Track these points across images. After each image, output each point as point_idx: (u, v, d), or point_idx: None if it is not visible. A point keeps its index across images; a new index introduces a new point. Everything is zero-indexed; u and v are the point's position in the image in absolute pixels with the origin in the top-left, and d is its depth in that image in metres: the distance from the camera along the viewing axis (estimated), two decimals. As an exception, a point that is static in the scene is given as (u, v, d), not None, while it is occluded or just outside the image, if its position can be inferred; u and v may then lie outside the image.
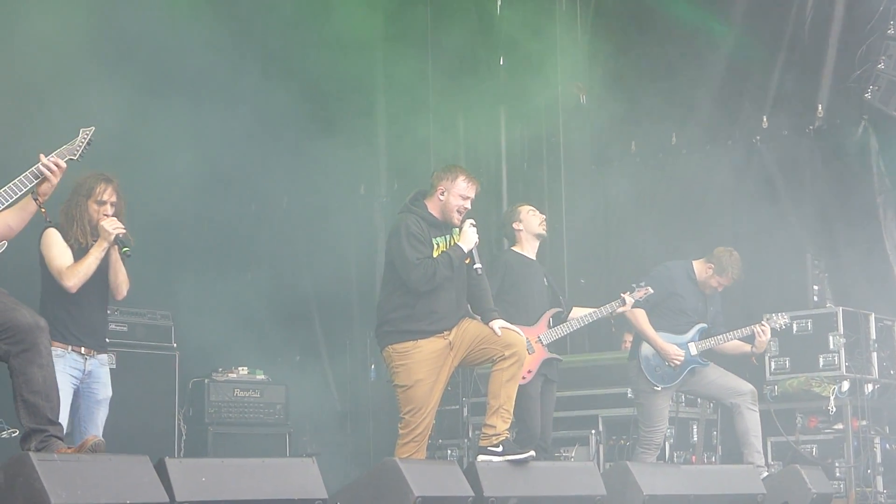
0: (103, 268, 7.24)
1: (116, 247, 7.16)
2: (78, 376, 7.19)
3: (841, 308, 10.61)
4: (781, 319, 9.83)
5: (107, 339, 7.53)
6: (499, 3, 13.45)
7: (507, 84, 13.42)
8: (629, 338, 11.20)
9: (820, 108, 11.49)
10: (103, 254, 7.15)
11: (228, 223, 12.06)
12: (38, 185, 5.94)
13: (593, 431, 10.68)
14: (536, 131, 13.28)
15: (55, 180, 5.99)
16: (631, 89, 12.41)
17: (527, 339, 8.53)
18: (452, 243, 7.85)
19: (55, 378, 5.74)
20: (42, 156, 5.97)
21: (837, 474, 10.20)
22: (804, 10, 11.61)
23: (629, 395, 10.49)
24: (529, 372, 9.02)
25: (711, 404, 10.62)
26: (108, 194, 7.24)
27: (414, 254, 7.68)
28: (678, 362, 9.57)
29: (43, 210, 6.06)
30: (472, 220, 7.89)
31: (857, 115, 11.33)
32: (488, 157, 13.63)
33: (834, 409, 10.30)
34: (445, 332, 7.80)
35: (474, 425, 11.09)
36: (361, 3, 12.61)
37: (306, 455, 6.24)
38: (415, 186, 13.45)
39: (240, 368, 11.32)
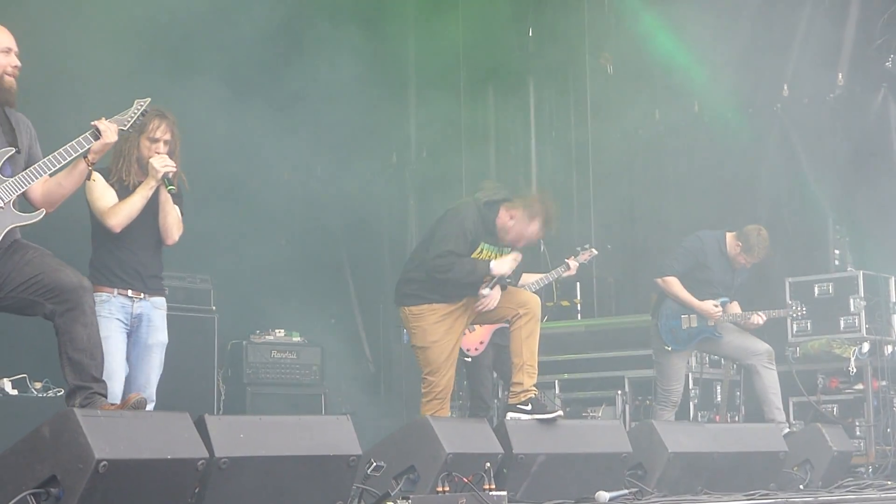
0: (153, 208, 6.78)
1: (165, 189, 6.73)
2: (126, 320, 6.76)
3: (861, 272, 10.55)
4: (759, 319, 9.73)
5: (162, 283, 7.00)
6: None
7: (536, 54, 13.35)
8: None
9: (840, 76, 11.37)
10: (150, 192, 6.68)
11: (262, 190, 12.00)
12: (94, 144, 5.82)
13: (619, 392, 10.68)
14: (564, 100, 13.22)
15: (110, 141, 5.89)
16: (653, 59, 12.30)
17: None
18: (495, 257, 7.77)
19: (99, 337, 5.70)
20: (98, 121, 5.89)
21: (858, 433, 10.16)
22: (823, -22, 11.51)
23: (654, 357, 10.47)
24: (482, 343, 9.26)
25: (735, 365, 10.58)
26: (162, 131, 6.77)
27: (451, 245, 7.64)
28: (718, 314, 9.54)
29: (90, 169, 5.91)
30: (518, 256, 7.82)
31: (877, 82, 11.22)
32: (517, 126, 13.59)
33: (854, 370, 10.23)
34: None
35: (503, 386, 11.08)
36: None
37: (341, 413, 6.20)
38: (444, 155, 13.68)
39: (276, 331, 11.32)
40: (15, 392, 9.07)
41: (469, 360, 9.36)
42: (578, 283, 12.12)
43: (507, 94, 13.64)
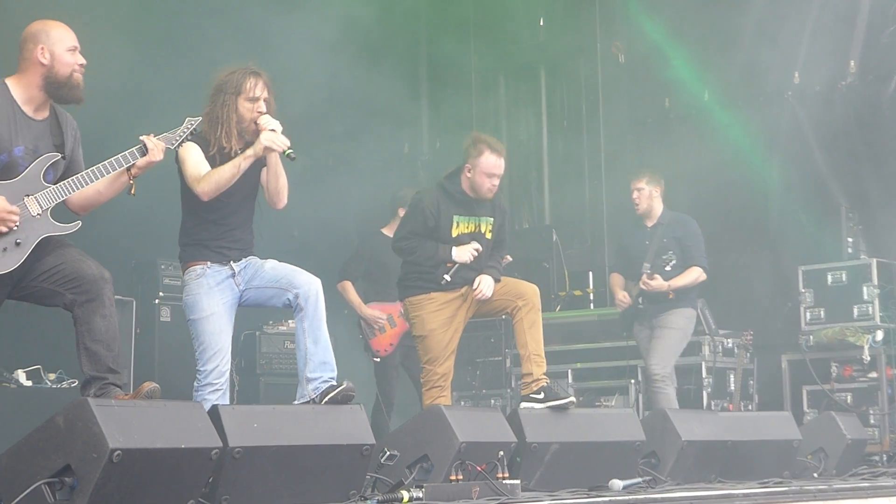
0: (252, 179, 6.43)
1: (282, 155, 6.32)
2: (230, 285, 6.39)
3: (875, 259, 10.51)
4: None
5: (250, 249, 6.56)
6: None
7: (546, 44, 13.32)
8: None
9: (852, 63, 11.32)
10: (248, 164, 6.23)
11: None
12: (139, 160, 5.77)
13: (633, 381, 10.65)
14: (576, 90, 13.21)
15: (156, 159, 5.80)
16: (664, 47, 12.26)
17: (389, 314, 9.43)
18: (474, 228, 7.89)
19: (117, 328, 5.66)
20: (147, 137, 5.83)
21: (872, 421, 10.13)
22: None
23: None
24: (391, 345, 9.52)
25: (748, 353, 10.58)
26: (260, 89, 6.37)
27: (409, 227, 7.92)
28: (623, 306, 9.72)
29: (132, 182, 5.80)
30: (477, 247, 7.86)
31: (889, 70, 11.16)
32: (528, 116, 13.58)
33: (868, 359, 10.21)
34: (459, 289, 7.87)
35: (516, 375, 11.08)
36: None
37: (354, 403, 6.19)
38: (456, 145, 13.65)
39: (290, 321, 11.29)
40: (29, 383, 9.09)
41: (377, 360, 9.63)
42: (591, 273, 12.11)
43: (518, 85, 13.66)
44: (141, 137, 5.84)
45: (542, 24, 13.45)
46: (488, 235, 8.00)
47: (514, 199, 13.61)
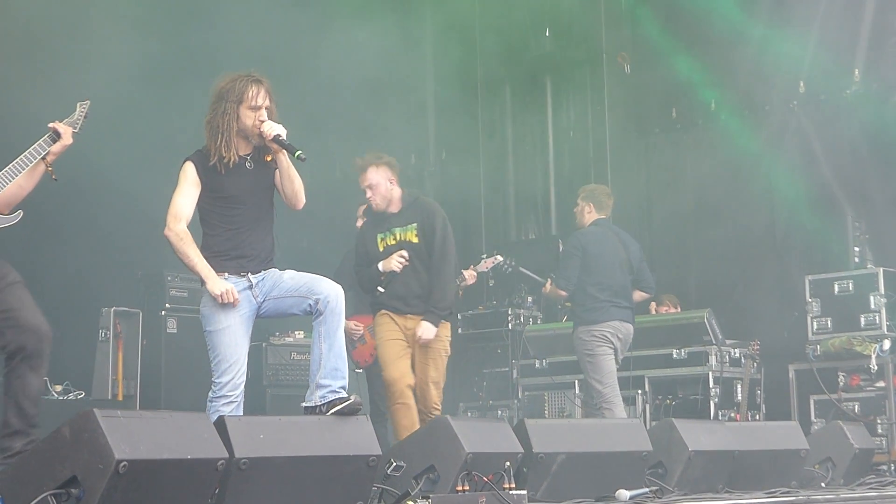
0: (266, 185, 6.40)
1: (285, 153, 6.28)
2: (247, 297, 6.35)
3: (882, 268, 10.49)
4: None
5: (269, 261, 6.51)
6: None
7: (552, 55, 13.34)
8: (667, 299, 11.17)
9: (857, 72, 11.32)
10: (204, 268, 6.25)
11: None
12: (52, 147, 5.88)
13: (639, 391, 10.63)
14: (581, 100, 13.23)
15: (68, 143, 5.91)
16: (671, 57, 12.28)
17: (369, 325, 9.26)
18: (398, 239, 8.28)
19: (43, 386, 5.72)
20: (55, 123, 5.93)
21: (879, 431, 10.09)
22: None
23: (674, 356, 10.48)
24: (371, 356, 9.33)
25: (755, 363, 10.56)
26: (262, 97, 6.30)
27: (354, 261, 8.62)
28: None
29: (50, 169, 5.91)
30: (404, 254, 8.20)
31: (894, 78, 11.17)
32: (534, 127, 13.59)
33: (875, 368, 10.18)
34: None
35: (524, 386, 11.09)
36: None
37: (361, 414, 6.19)
38: (462, 155, 13.73)
39: (296, 332, 11.32)
40: (35, 395, 9.08)
41: (359, 371, 9.64)
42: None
43: (524, 95, 13.66)
44: (50, 125, 5.94)
45: (547, 34, 13.43)
46: (415, 240, 8.23)
47: (521, 210, 13.61)
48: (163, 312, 10.58)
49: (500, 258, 9.84)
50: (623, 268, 9.62)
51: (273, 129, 6.27)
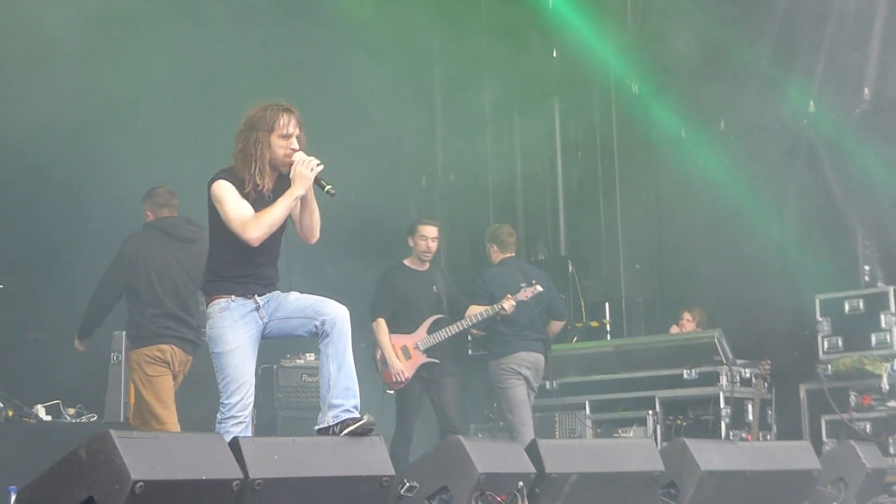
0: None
1: (321, 187, 6.31)
2: (254, 318, 6.37)
3: (892, 287, 10.52)
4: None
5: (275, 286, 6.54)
6: (552, -5, 13.44)
7: (561, 75, 13.39)
8: (687, 315, 11.20)
9: (866, 91, 11.36)
10: (294, 203, 6.31)
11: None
12: None
13: (650, 412, 10.65)
14: (589, 120, 13.26)
15: None
16: (680, 76, 12.36)
17: (404, 345, 9.66)
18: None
19: None
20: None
21: (891, 451, 10.12)
22: (849, -6, 11.52)
23: (685, 376, 10.51)
24: (404, 377, 9.62)
25: (766, 383, 10.59)
26: (293, 125, 6.33)
27: None
28: None
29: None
30: None
31: (903, 97, 11.23)
32: (542, 147, 13.61)
33: (887, 387, 10.21)
34: None
35: (534, 407, 11.09)
36: None
37: (374, 434, 6.23)
38: (470, 176, 13.75)
39: (307, 355, 11.31)
40: (49, 418, 9.14)
41: (390, 392, 9.77)
42: (607, 304, 12.14)
43: (532, 115, 13.66)
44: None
45: (555, 55, 13.47)
46: None
47: (530, 231, 13.63)
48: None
49: (539, 288, 9.91)
50: (528, 303, 9.92)
51: (307, 166, 6.29)
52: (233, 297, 6.36)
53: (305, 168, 6.27)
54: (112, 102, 10.68)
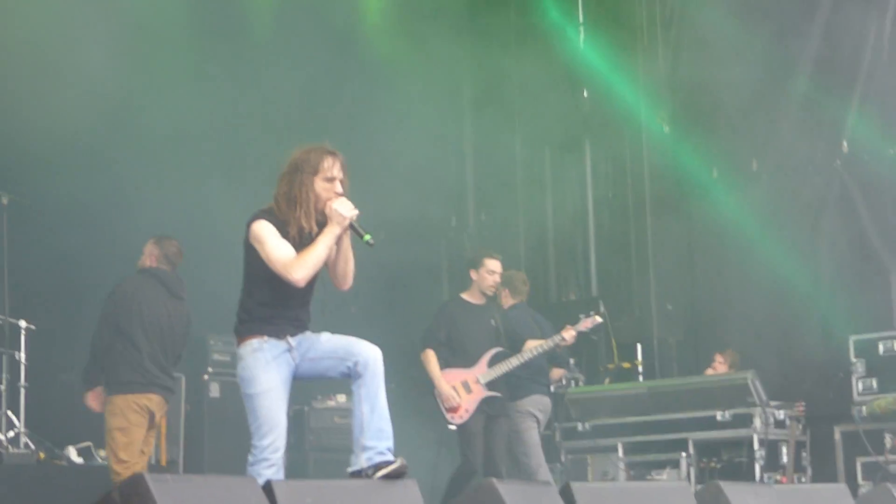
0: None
1: (348, 232, 6.32)
2: (287, 360, 6.34)
3: (927, 328, 10.47)
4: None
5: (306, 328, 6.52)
6: (581, 35, 13.43)
7: (592, 115, 13.44)
8: (719, 357, 11.14)
9: (900, 130, 11.35)
10: (334, 241, 6.30)
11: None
12: None
13: (684, 454, 10.56)
14: (621, 160, 13.28)
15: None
16: (711, 116, 12.34)
17: (465, 380, 9.60)
18: None
19: None
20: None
21: (928, 493, 10.01)
22: (882, 35, 11.44)
23: (718, 418, 10.43)
24: (467, 411, 9.60)
25: (801, 425, 10.52)
26: (338, 169, 6.34)
27: None
28: None
29: None
30: None
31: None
32: (574, 186, 13.62)
33: (923, 429, 10.15)
34: None
35: (566, 449, 11.06)
36: (446, 38, 12.74)
37: (408, 478, 6.20)
38: (501, 216, 13.75)
39: (338, 396, 11.32)
40: (80, 460, 9.16)
41: (453, 427, 9.70)
42: (639, 345, 12.10)
43: (564, 155, 13.69)
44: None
45: (585, 95, 13.48)
46: None
47: (561, 271, 13.62)
48: (205, 377, 10.69)
49: (599, 319, 9.96)
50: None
51: (345, 208, 6.29)
52: (265, 337, 6.34)
53: (343, 208, 6.27)
54: (147, 137, 10.75)
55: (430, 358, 9.74)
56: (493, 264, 9.91)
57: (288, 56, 11.74)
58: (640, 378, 12.13)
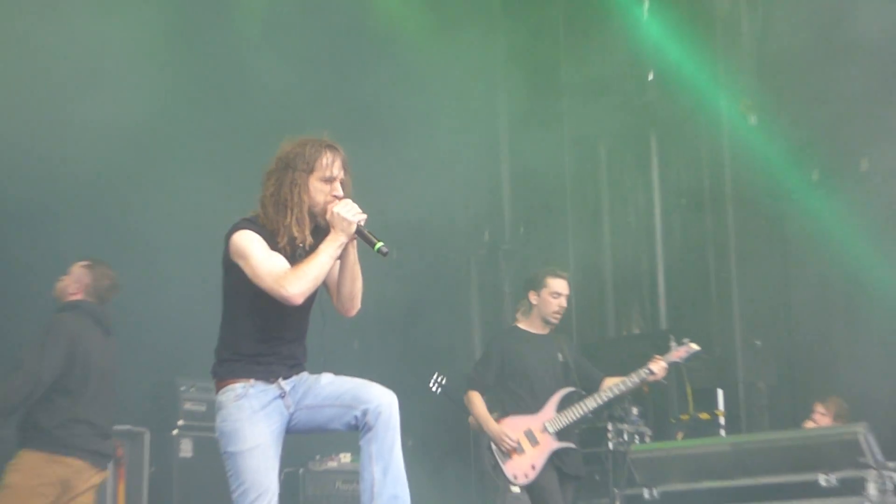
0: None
1: (354, 241, 6.21)
2: (278, 407, 6.21)
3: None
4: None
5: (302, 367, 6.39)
6: (645, 5, 13.42)
7: (659, 104, 13.42)
8: (820, 408, 11.02)
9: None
10: (339, 251, 6.15)
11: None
12: None
13: (781, 530, 10.41)
14: (696, 160, 13.26)
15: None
16: (811, 105, 12.30)
17: (529, 428, 9.59)
18: None
19: None
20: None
21: None
22: None
23: (822, 484, 10.21)
24: (533, 468, 9.53)
25: None
26: (338, 168, 6.25)
27: None
28: None
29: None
30: None
31: None
32: (637, 193, 13.59)
33: None
34: None
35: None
36: (482, 25, 12.88)
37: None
38: (545, 230, 13.68)
39: (341, 455, 11.25)
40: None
41: (516, 489, 9.55)
42: (720, 391, 11.99)
43: (624, 153, 13.67)
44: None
45: (650, 78, 13.40)
46: None
47: (621, 298, 13.65)
48: (174, 432, 10.64)
49: (695, 346, 9.95)
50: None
51: (349, 211, 6.15)
52: (252, 380, 6.20)
53: (347, 211, 6.13)
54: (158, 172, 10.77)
55: (475, 399, 9.76)
56: (559, 285, 9.86)
57: (293, 45, 11.99)
58: (722, 432, 12.04)
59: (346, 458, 11.33)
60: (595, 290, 13.81)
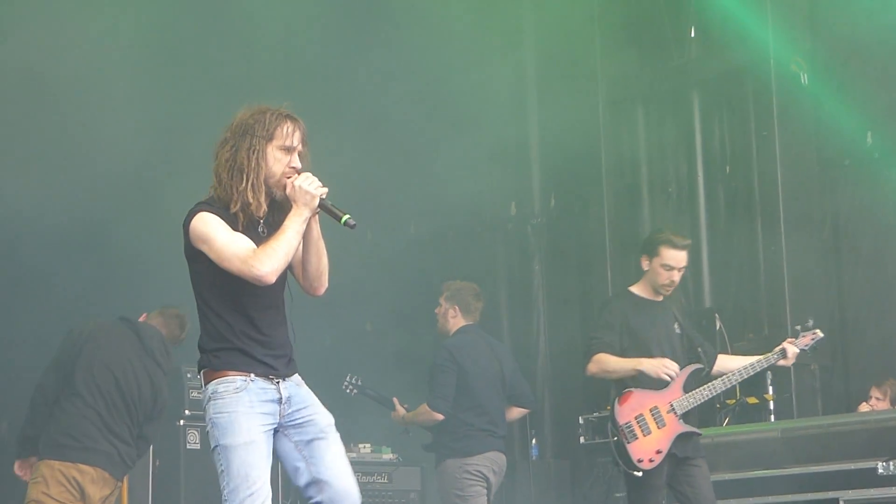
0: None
1: (317, 216, 6.25)
2: (274, 411, 6.23)
3: None
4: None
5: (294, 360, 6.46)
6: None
7: (701, 61, 13.41)
8: (877, 392, 11.09)
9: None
10: (304, 226, 6.17)
11: (341, 263, 12.22)
12: None
13: (834, 520, 10.53)
14: (742, 123, 13.24)
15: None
16: (867, 61, 12.31)
17: (655, 406, 9.10)
18: None
19: None
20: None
21: None
22: None
23: (880, 471, 10.33)
24: (658, 453, 9.08)
25: None
26: (298, 139, 6.29)
27: None
28: None
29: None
30: None
31: None
32: (678, 159, 13.63)
33: None
34: None
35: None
36: None
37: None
38: (577, 201, 13.72)
39: (361, 446, 11.31)
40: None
41: (639, 474, 9.13)
42: (769, 373, 12.00)
43: (664, 115, 13.68)
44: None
45: (693, 34, 13.42)
46: None
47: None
48: (181, 422, 10.74)
49: (819, 333, 9.74)
50: (497, 386, 10.36)
51: (312, 184, 6.22)
52: (252, 375, 6.24)
53: (308, 184, 6.20)
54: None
55: (605, 357, 9.25)
56: (674, 257, 9.37)
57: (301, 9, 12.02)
58: (772, 418, 12.06)
59: (365, 448, 11.36)
60: (632, 263, 13.65)
